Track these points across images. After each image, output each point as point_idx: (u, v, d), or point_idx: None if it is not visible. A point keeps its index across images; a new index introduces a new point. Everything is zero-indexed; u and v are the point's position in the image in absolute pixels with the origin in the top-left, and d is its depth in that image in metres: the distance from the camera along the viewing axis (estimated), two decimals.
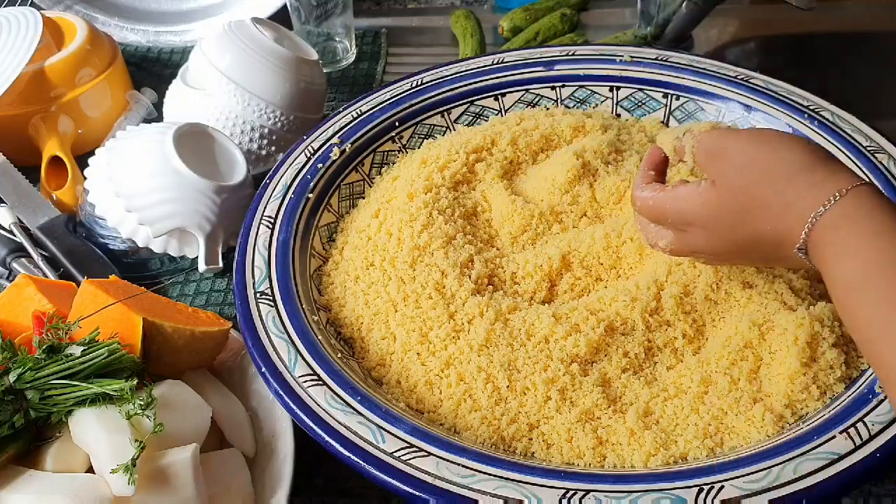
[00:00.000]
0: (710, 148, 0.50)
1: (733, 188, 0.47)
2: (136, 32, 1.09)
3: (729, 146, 0.49)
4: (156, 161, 0.73)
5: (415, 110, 0.80)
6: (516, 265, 0.65)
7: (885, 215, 0.42)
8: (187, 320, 0.59)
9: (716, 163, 0.49)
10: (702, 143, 0.51)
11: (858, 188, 0.43)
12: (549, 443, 0.54)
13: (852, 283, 0.41)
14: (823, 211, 0.43)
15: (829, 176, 0.44)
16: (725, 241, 0.49)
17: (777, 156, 0.46)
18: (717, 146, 0.50)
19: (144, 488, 0.49)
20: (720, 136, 0.50)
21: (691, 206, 0.50)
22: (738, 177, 0.47)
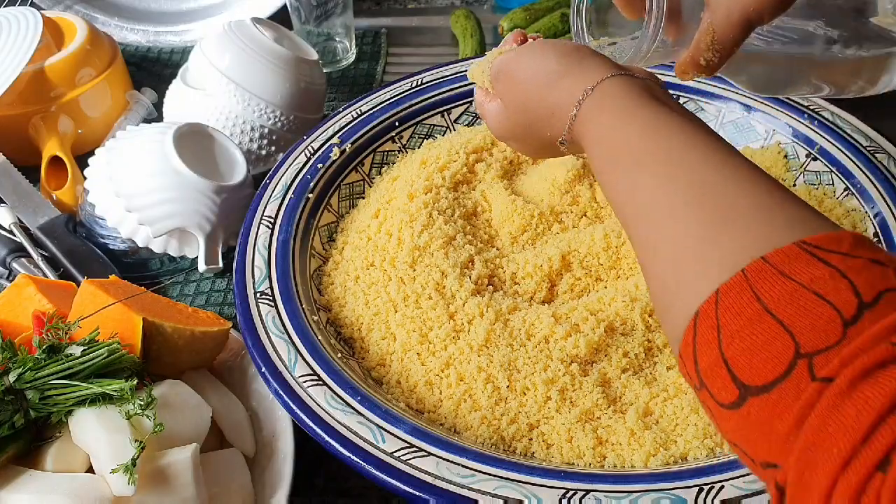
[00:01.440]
0: (494, 73, 0.55)
1: (514, 105, 0.53)
2: (136, 32, 1.09)
3: (504, 67, 0.53)
4: (156, 161, 0.73)
5: (415, 110, 0.80)
6: (516, 265, 0.65)
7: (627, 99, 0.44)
8: (187, 320, 0.59)
9: (500, 83, 0.54)
10: (493, 66, 0.55)
11: (607, 80, 0.45)
12: (549, 443, 0.54)
13: (603, 168, 0.43)
14: (576, 111, 0.46)
15: (582, 73, 0.47)
16: (530, 147, 0.55)
17: (538, 67, 0.50)
18: (498, 69, 0.54)
19: (144, 488, 0.49)
20: (499, 60, 0.55)
21: (495, 124, 0.56)
22: (514, 94, 0.52)
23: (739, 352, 0.31)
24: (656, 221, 0.38)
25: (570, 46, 0.50)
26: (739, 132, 0.77)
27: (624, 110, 0.43)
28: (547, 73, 0.49)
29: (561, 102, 0.47)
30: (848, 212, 0.68)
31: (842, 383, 0.28)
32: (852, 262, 0.31)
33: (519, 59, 0.52)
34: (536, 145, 0.54)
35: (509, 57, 0.54)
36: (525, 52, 0.53)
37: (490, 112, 0.56)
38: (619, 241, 0.64)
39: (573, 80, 0.47)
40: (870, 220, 0.67)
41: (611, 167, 0.42)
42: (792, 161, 0.74)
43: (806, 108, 0.75)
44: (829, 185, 0.71)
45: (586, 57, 0.49)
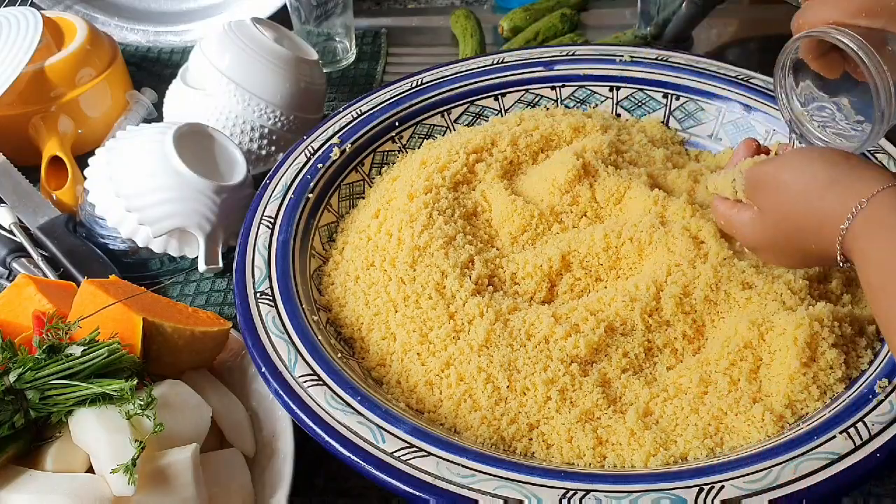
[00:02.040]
0: (751, 182, 0.54)
1: (776, 216, 0.51)
2: (136, 32, 1.09)
3: (764, 177, 0.52)
4: (156, 161, 0.73)
5: (415, 110, 0.80)
6: (516, 265, 0.65)
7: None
8: (187, 320, 0.59)
9: (759, 194, 0.53)
10: (746, 179, 0.54)
11: (881, 193, 0.43)
12: (549, 443, 0.54)
13: (875, 287, 0.42)
14: (848, 224, 0.44)
15: (853, 184, 0.45)
16: (786, 257, 0.54)
17: (803, 176, 0.48)
18: (756, 179, 0.53)
19: (144, 488, 0.49)
20: (757, 169, 0.54)
21: (750, 234, 0.55)
22: (776, 205, 0.51)
23: None
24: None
25: (838, 154, 0.49)
26: (739, 132, 0.77)
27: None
28: (816, 182, 0.47)
29: (831, 213, 0.46)
30: None
31: None
32: None
33: (783, 166, 0.51)
34: (798, 256, 0.52)
35: (772, 166, 0.52)
36: (790, 160, 0.51)
37: (743, 222, 0.55)
38: (619, 242, 0.64)
39: (844, 190, 0.45)
40: None
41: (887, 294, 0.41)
42: None
43: None
44: None
45: (857, 166, 0.47)
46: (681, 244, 0.62)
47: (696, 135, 0.80)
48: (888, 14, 0.46)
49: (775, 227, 0.52)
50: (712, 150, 0.79)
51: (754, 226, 0.54)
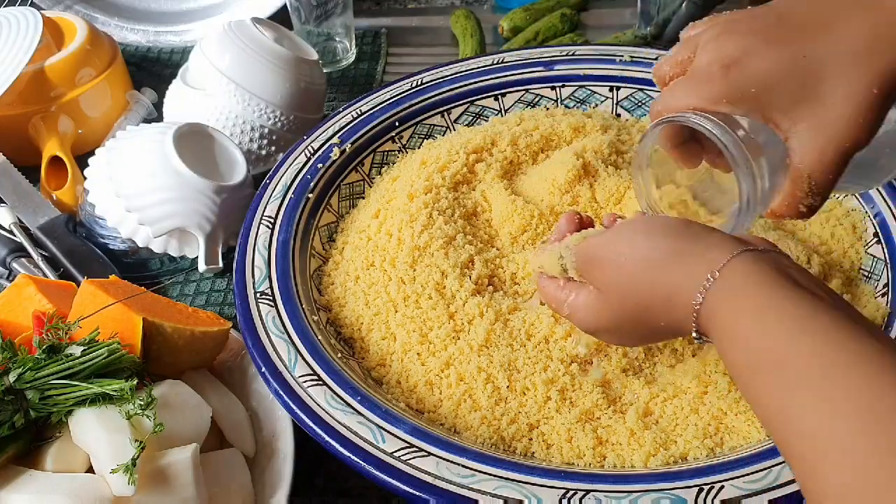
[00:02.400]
0: (584, 258, 0.49)
1: (616, 294, 0.47)
2: (136, 32, 1.09)
3: (598, 251, 0.48)
4: (156, 161, 0.73)
5: (415, 110, 0.80)
6: (516, 265, 0.65)
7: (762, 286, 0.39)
8: (187, 320, 0.59)
9: (594, 271, 0.48)
10: (577, 256, 0.50)
11: (733, 260, 0.41)
12: (549, 443, 0.54)
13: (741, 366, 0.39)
14: (702, 298, 0.41)
15: (701, 255, 0.42)
16: (633, 338, 0.49)
17: (643, 249, 0.45)
18: (587, 255, 0.49)
19: (144, 488, 0.49)
20: (589, 244, 0.49)
21: (586, 317, 0.49)
22: (616, 282, 0.46)
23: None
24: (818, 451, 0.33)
25: (680, 222, 0.45)
26: None
27: (761, 303, 0.38)
28: (658, 254, 0.44)
29: (680, 288, 0.42)
30: (848, 212, 0.68)
31: None
32: None
33: (619, 238, 0.47)
34: (646, 335, 0.48)
35: (606, 238, 0.48)
36: (626, 230, 0.47)
37: (578, 304, 0.49)
38: None
39: (692, 261, 0.42)
40: (870, 220, 0.67)
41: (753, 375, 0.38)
42: None
43: None
44: None
45: (702, 233, 0.44)
46: None
47: None
48: (749, 102, 0.43)
49: (617, 307, 0.47)
50: None
51: (591, 307, 0.48)
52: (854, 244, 0.66)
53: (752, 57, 0.43)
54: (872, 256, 0.65)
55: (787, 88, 0.42)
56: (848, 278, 0.64)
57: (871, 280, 0.64)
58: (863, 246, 0.66)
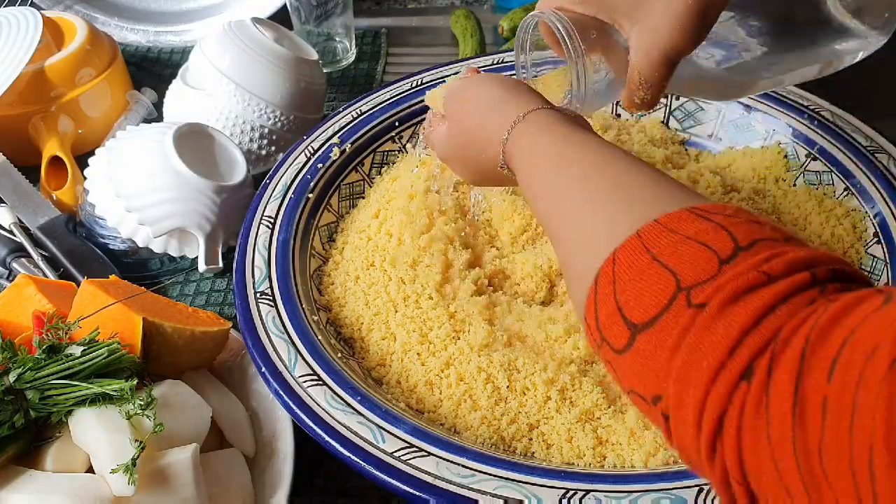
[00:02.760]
0: (446, 95, 0.58)
1: (456, 127, 0.56)
2: (136, 32, 1.09)
3: (455, 92, 0.57)
4: (156, 161, 0.73)
5: (415, 110, 0.80)
6: (516, 265, 0.65)
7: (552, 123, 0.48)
8: (187, 320, 0.59)
9: (448, 107, 0.57)
10: (447, 89, 0.58)
11: (537, 111, 0.49)
12: (549, 443, 0.54)
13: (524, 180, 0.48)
14: (507, 134, 0.49)
15: (517, 103, 0.50)
16: (468, 170, 0.57)
17: (480, 94, 0.54)
18: (448, 93, 0.57)
19: (144, 488, 0.49)
20: (452, 85, 0.58)
21: (439, 144, 0.58)
22: (459, 117, 0.55)
23: (630, 296, 0.35)
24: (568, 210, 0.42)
25: (512, 81, 0.54)
26: (739, 132, 0.77)
27: (550, 133, 0.47)
28: (489, 100, 0.53)
29: (496, 127, 0.51)
30: (848, 212, 0.68)
31: (713, 307, 0.31)
32: (733, 220, 0.35)
33: (468, 84, 0.56)
34: (473, 168, 0.56)
35: (461, 82, 0.57)
36: (475, 79, 0.56)
37: (436, 134, 0.58)
38: None
39: (509, 108, 0.50)
40: (870, 220, 0.67)
41: (532, 175, 0.47)
42: (792, 161, 0.74)
43: (806, 108, 0.75)
44: (829, 184, 0.71)
45: (524, 91, 0.52)
46: None
47: (696, 135, 0.79)
48: (597, 4, 0.51)
49: (457, 138, 0.56)
50: (712, 149, 0.79)
51: (444, 137, 0.57)
52: (854, 244, 0.66)
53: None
54: (872, 256, 0.65)
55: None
56: None
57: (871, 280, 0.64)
58: (863, 246, 0.66)
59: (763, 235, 0.34)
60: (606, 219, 0.39)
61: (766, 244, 0.33)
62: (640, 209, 0.38)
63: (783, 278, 0.31)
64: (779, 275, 0.31)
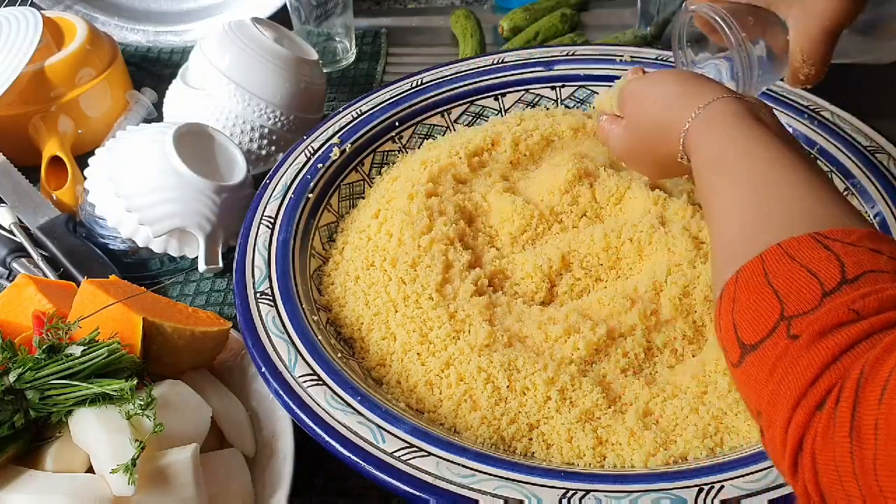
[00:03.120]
0: (622, 96, 0.61)
1: (635, 123, 0.59)
2: (136, 32, 1.09)
3: (631, 90, 0.60)
4: (156, 161, 0.73)
5: (415, 110, 0.80)
6: (516, 266, 0.65)
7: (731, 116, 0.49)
8: (187, 320, 0.59)
9: (627, 106, 0.60)
10: (620, 94, 0.61)
11: (717, 100, 0.51)
12: (549, 443, 0.54)
13: (697, 173, 0.50)
14: (688, 124, 0.52)
15: (697, 95, 0.52)
16: (646, 164, 0.61)
17: (659, 89, 0.57)
18: (626, 93, 0.60)
19: (144, 488, 0.49)
20: (629, 84, 0.61)
21: (616, 143, 0.62)
22: (637, 113, 0.59)
23: (744, 317, 0.38)
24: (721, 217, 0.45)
25: (692, 74, 0.57)
26: None
27: (726, 126, 0.49)
28: (668, 94, 0.55)
29: (677, 118, 0.53)
30: None
31: (804, 340, 0.34)
32: (851, 249, 0.37)
33: (647, 81, 0.59)
34: (651, 161, 0.59)
35: (640, 80, 0.59)
36: (653, 76, 0.59)
37: (614, 133, 0.61)
38: (619, 242, 0.64)
39: (689, 100, 0.52)
40: (870, 220, 0.67)
41: (704, 173, 0.49)
42: None
43: (806, 108, 0.75)
44: None
45: (704, 82, 0.54)
46: (681, 244, 0.62)
47: None
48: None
49: (634, 133, 0.59)
50: None
51: (621, 134, 0.61)
52: None
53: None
54: None
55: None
56: None
57: None
58: None
59: (873, 266, 0.36)
60: (743, 235, 0.42)
61: (872, 277, 0.35)
62: (773, 231, 0.40)
63: (871, 316, 0.33)
64: (869, 313, 0.33)
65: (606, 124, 0.63)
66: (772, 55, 0.56)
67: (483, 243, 0.68)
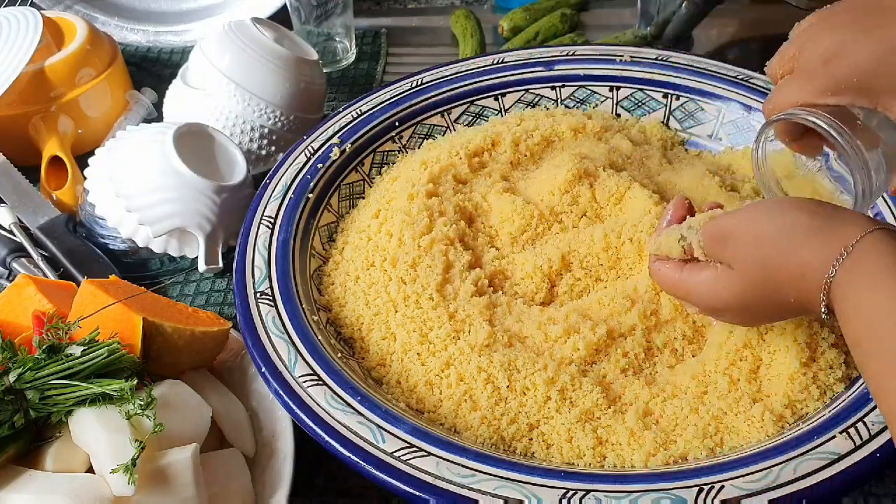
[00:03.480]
0: (715, 236, 0.50)
1: (750, 269, 0.47)
2: (136, 32, 1.09)
3: (732, 229, 0.48)
4: (156, 161, 0.73)
5: (415, 110, 0.80)
6: (516, 266, 0.65)
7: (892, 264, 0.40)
8: (187, 320, 0.59)
9: (726, 248, 0.49)
10: (706, 234, 0.50)
11: (866, 237, 0.41)
12: (549, 443, 0.54)
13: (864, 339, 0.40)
14: (834, 272, 0.42)
15: (836, 231, 0.43)
16: (757, 316, 0.50)
17: (780, 226, 0.46)
18: (721, 232, 0.49)
19: (144, 488, 0.49)
20: (721, 222, 0.50)
21: (712, 294, 0.49)
22: (750, 257, 0.47)
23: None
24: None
25: (814, 202, 0.46)
26: (739, 132, 0.77)
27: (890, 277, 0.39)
28: (796, 230, 0.44)
29: (814, 262, 0.43)
30: None
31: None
32: None
33: (755, 216, 0.47)
34: (773, 313, 0.49)
35: (740, 217, 0.48)
36: (761, 209, 0.48)
37: (701, 282, 0.50)
38: (619, 242, 0.64)
39: (827, 238, 0.43)
40: None
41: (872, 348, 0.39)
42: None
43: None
44: None
45: (837, 212, 0.44)
46: None
47: (696, 135, 0.80)
48: (853, 91, 0.46)
49: (748, 283, 0.47)
50: (712, 150, 0.79)
51: (718, 284, 0.49)
52: None
53: (848, 47, 0.45)
54: None
55: (888, 72, 0.44)
56: None
57: None
58: None
59: None
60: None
61: None
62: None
63: None
64: None
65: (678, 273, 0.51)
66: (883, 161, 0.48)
67: (483, 243, 0.68)
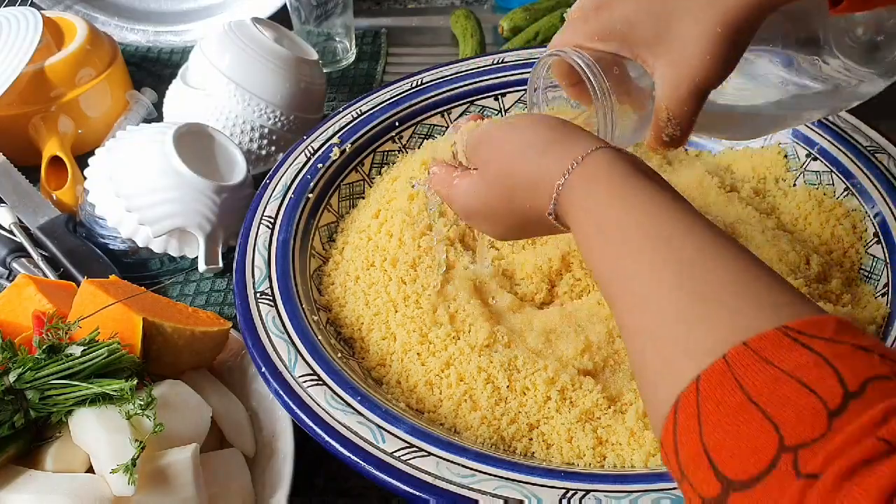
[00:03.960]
0: (474, 141, 0.52)
1: (493, 174, 0.49)
2: (136, 32, 1.09)
3: (487, 135, 0.51)
4: (156, 161, 0.73)
5: (415, 110, 0.80)
6: (516, 266, 0.65)
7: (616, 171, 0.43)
8: (187, 320, 0.59)
9: (479, 153, 0.51)
10: (469, 140, 0.53)
11: (595, 151, 0.44)
12: (549, 443, 0.54)
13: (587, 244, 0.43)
14: (563, 180, 0.44)
15: (571, 146, 0.45)
16: (502, 223, 0.51)
17: (524, 136, 0.48)
18: (478, 138, 0.52)
19: (144, 488, 0.49)
20: (480, 130, 0.52)
21: (464, 197, 0.52)
22: (496, 161, 0.49)
23: (721, 443, 0.30)
24: (640, 301, 0.37)
25: (559, 119, 0.49)
26: None
27: (613, 184, 0.42)
28: (534, 142, 0.47)
29: (549, 171, 0.45)
30: (848, 212, 0.68)
31: (827, 481, 0.27)
32: (837, 349, 0.30)
33: (507, 127, 0.50)
34: (510, 220, 0.50)
35: (496, 125, 0.51)
36: (514, 120, 0.50)
37: (461, 186, 0.52)
38: None
39: (563, 149, 0.45)
40: (870, 220, 0.67)
41: (597, 242, 0.41)
42: (792, 161, 0.74)
43: None
44: (830, 185, 0.71)
45: (575, 130, 0.47)
46: None
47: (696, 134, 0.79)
48: (617, 38, 0.48)
49: (492, 185, 0.49)
50: (712, 150, 0.79)
51: (471, 189, 0.51)
52: (854, 244, 0.66)
53: None
54: (872, 256, 0.65)
55: (648, 27, 0.47)
56: (848, 278, 0.64)
57: (871, 280, 0.64)
58: (863, 246, 0.66)
59: (873, 372, 0.29)
60: (685, 325, 0.34)
61: (878, 386, 0.29)
62: (727, 320, 0.33)
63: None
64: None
65: (445, 175, 0.53)
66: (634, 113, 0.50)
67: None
